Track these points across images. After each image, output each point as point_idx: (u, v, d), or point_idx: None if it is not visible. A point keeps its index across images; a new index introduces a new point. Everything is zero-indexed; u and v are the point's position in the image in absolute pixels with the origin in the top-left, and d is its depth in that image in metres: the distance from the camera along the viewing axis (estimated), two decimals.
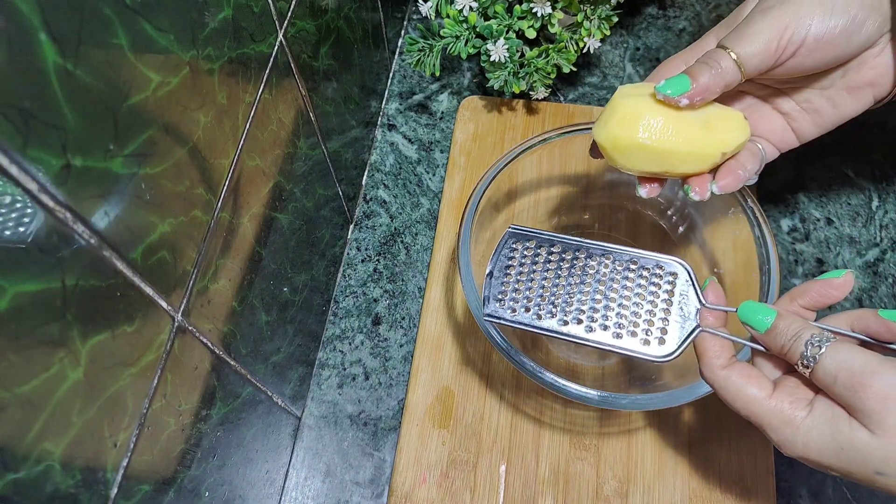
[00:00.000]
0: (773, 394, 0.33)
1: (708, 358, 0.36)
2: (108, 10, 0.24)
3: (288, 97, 0.42)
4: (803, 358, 0.32)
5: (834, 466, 0.31)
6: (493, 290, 0.40)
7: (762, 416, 0.33)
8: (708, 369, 0.36)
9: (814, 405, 0.32)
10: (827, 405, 0.32)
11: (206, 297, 0.34)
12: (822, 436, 0.31)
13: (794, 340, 0.33)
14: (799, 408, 0.32)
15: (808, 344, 0.32)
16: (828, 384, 0.31)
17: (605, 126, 0.39)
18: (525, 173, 0.53)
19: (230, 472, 0.41)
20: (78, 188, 0.23)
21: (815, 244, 0.58)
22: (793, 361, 0.33)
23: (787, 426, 0.32)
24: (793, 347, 0.33)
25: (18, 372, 0.22)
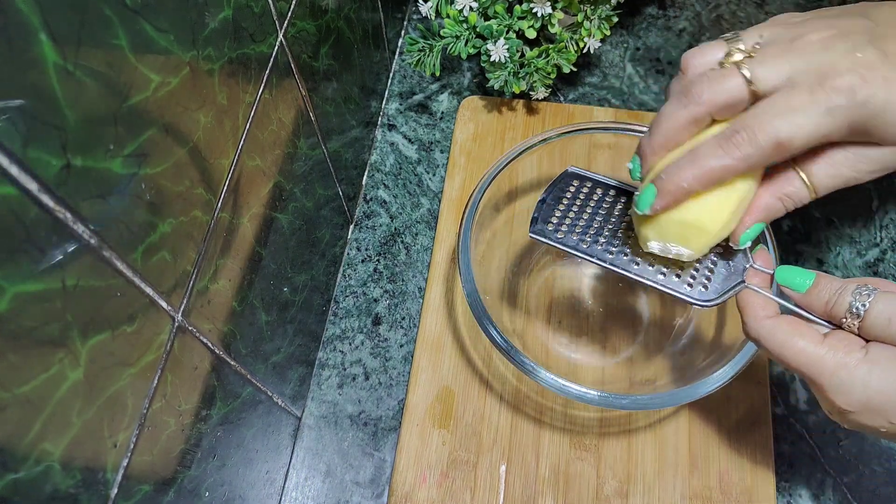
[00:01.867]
0: (823, 341, 0.32)
1: (753, 309, 0.35)
2: (108, 10, 0.24)
3: (288, 97, 0.42)
4: (851, 308, 0.32)
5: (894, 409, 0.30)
6: (543, 213, 0.40)
7: (813, 362, 0.32)
8: (753, 320, 0.34)
9: (869, 348, 0.31)
10: (884, 347, 0.31)
11: (206, 297, 0.35)
12: (886, 372, 0.30)
13: (839, 294, 0.33)
14: (854, 350, 0.31)
15: (856, 293, 0.32)
16: (882, 327, 0.31)
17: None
18: (525, 173, 0.53)
19: (230, 472, 0.41)
20: (78, 188, 0.23)
21: (815, 244, 0.58)
22: (839, 315, 0.32)
23: (843, 369, 0.31)
24: (838, 301, 0.32)
25: (18, 372, 0.22)
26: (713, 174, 0.33)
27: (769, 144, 0.31)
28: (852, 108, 0.31)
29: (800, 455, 0.50)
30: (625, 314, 0.54)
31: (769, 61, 0.32)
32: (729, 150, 0.32)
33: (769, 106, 0.32)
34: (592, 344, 0.53)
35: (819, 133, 0.31)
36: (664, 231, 0.36)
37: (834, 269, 0.56)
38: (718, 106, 0.33)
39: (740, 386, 0.50)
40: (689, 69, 0.35)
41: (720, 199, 0.34)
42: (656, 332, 0.53)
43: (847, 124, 0.31)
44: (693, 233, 0.35)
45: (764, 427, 0.49)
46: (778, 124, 0.31)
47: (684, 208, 0.34)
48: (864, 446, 0.50)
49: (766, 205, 0.35)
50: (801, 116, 0.31)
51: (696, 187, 0.33)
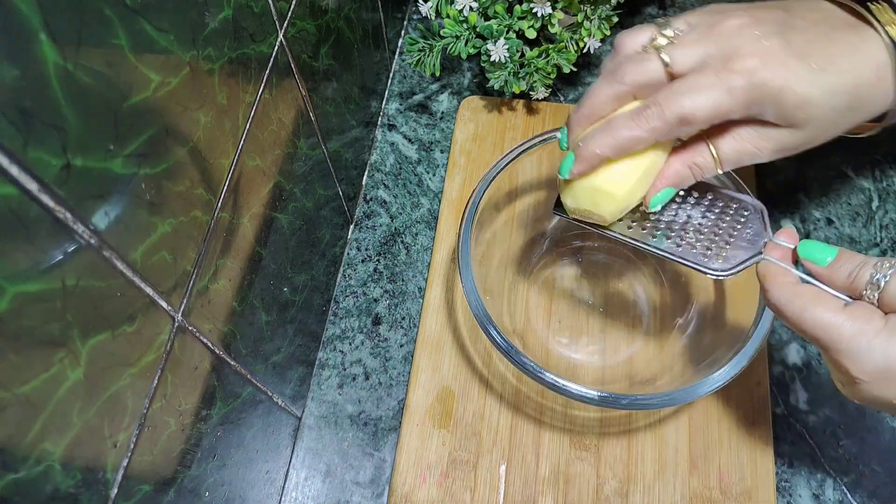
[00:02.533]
0: (843, 310, 0.32)
1: (773, 276, 0.36)
2: (108, 10, 0.24)
3: (288, 97, 0.42)
4: (872, 279, 0.32)
5: None
6: None
7: (833, 328, 0.32)
8: (774, 286, 0.35)
9: (889, 318, 0.32)
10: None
11: (206, 297, 0.35)
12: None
13: (860, 268, 0.33)
14: (875, 318, 0.32)
15: (878, 266, 0.33)
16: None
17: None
18: (525, 173, 0.53)
19: (230, 472, 0.41)
20: (78, 188, 0.23)
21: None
22: (859, 289, 0.33)
23: (862, 336, 0.31)
24: (860, 274, 0.33)
25: (18, 372, 0.22)
26: (625, 143, 0.36)
27: (674, 118, 0.34)
28: (750, 89, 0.34)
29: (800, 455, 0.50)
30: (625, 314, 0.54)
31: (686, 46, 0.35)
32: (639, 122, 0.35)
33: (679, 85, 0.35)
34: (592, 344, 0.53)
35: (719, 110, 0.34)
36: (577, 196, 0.39)
37: None
38: (639, 85, 0.36)
39: (740, 386, 0.50)
40: (620, 49, 0.38)
41: (627, 167, 0.37)
42: (656, 332, 0.53)
43: (745, 103, 0.34)
44: (602, 197, 0.38)
45: (764, 427, 0.49)
46: (683, 101, 0.34)
47: (594, 175, 0.38)
48: (864, 446, 0.50)
49: (675, 171, 0.38)
50: (704, 94, 0.34)
51: (609, 154, 0.36)
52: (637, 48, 0.37)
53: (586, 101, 0.38)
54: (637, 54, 0.37)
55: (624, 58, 0.37)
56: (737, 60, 0.34)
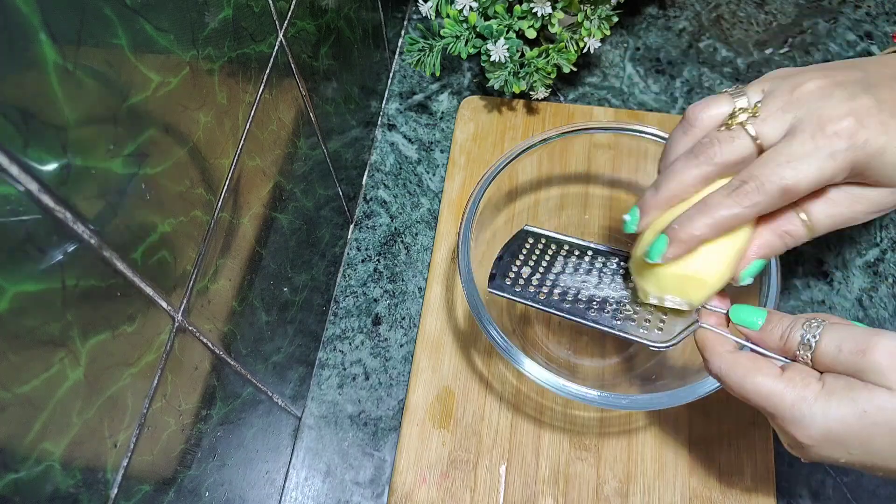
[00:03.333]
0: (781, 375, 0.33)
1: (712, 346, 0.36)
2: (108, 10, 0.24)
3: (288, 97, 0.42)
4: (803, 339, 0.33)
5: (856, 440, 0.30)
6: (501, 269, 0.43)
7: (774, 395, 0.32)
8: (713, 356, 0.35)
9: (825, 379, 0.32)
10: (839, 377, 0.31)
11: (207, 297, 0.35)
12: (842, 402, 0.30)
13: (790, 329, 0.34)
14: (812, 381, 0.32)
15: (806, 326, 0.33)
16: (833, 356, 0.31)
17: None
18: (525, 173, 0.53)
19: (230, 472, 0.41)
20: (78, 188, 0.23)
21: (815, 244, 0.58)
22: (792, 349, 0.33)
23: (803, 402, 0.31)
24: (791, 335, 0.33)
25: (18, 372, 0.22)
26: (724, 222, 0.34)
27: (776, 191, 0.33)
28: (852, 151, 0.32)
29: None
30: None
31: (773, 117, 0.34)
32: (739, 200, 0.34)
33: (775, 155, 0.33)
34: (592, 344, 0.53)
35: (823, 177, 0.33)
36: (663, 284, 0.37)
37: (834, 269, 0.56)
38: (729, 165, 0.35)
39: None
40: (696, 122, 0.37)
41: (718, 250, 0.36)
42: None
43: (848, 167, 0.33)
44: (692, 285, 0.37)
45: (764, 427, 0.49)
46: (783, 172, 0.33)
47: (683, 262, 0.36)
48: None
49: (767, 243, 0.36)
50: (805, 163, 0.33)
51: (707, 236, 0.35)
52: (715, 120, 0.36)
53: (668, 185, 0.36)
54: (721, 132, 0.35)
55: (707, 137, 0.36)
56: (832, 123, 0.32)
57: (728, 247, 0.36)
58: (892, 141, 0.32)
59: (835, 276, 0.56)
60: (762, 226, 0.36)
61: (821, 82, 0.34)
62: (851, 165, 0.33)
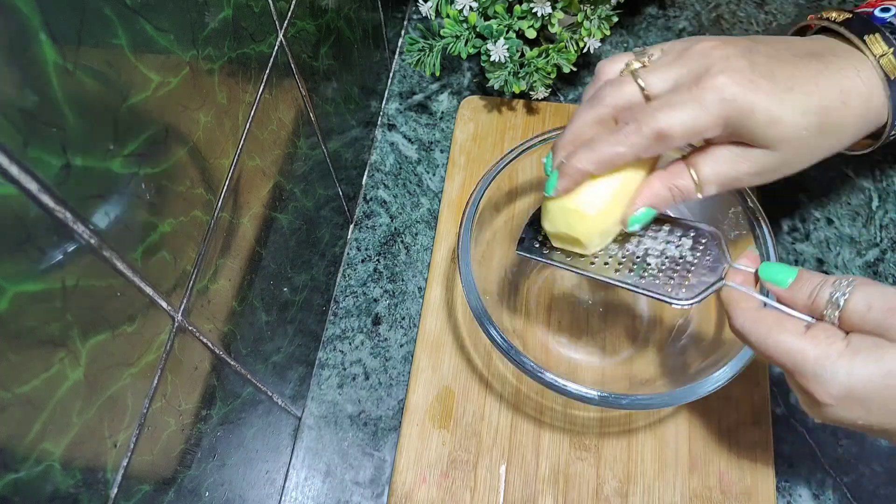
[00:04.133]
0: (805, 333, 0.33)
1: (736, 302, 0.36)
2: (108, 10, 0.24)
3: (288, 97, 0.42)
4: (832, 298, 0.33)
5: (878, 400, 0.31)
6: (530, 234, 0.44)
7: (797, 353, 0.32)
8: (737, 312, 0.36)
9: (850, 338, 0.32)
10: (864, 336, 0.32)
11: (206, 297, 0.35)
12: (867, 362, 0.31)
13: (819, 287, 0.34)
14: (837, 340, 0.32)
15: (837, 284, 0.33)
16: (861, 314, 0.32)
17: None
18: (525, 173, 0.53)
19: (230, 472, 0.41)
20: (78, 188, 0.23)
21: (815, 244, 0.58)
22: (820, 308, 0.34)
23: (826, 359, 0.31)
24: (819, 293, 0.34)
25: (18, 372, 0.22)
26: (606, 157, 0.37)
27: (651, 133, 0.35)
28: (722, 104, 0.34)
29: (800, 455, 0.50)
30: (625, 314, 0.54)
31: (660, 69, 0.37)
32: (619, 139, 0.36)
33: (656, 103, 0.36)
34: (592, 344, 0.53)
35: (695, 125, 0.35)
36: (554, 220, 0.40)
37: (834, 268, 0.56)
38: (618, 107, 0.37)
39: (740, 386, 0.50)
40: (599, 76, 0.40)
41: (600, 187, 0.38)
42: (656, 331, 0.53)
43: (719, 119, 0.35)
44: (575, 218, 0.39)
45: (764, 427, 0.49)
46: (659, 116, 0.35)
47: (567, 198, 0.39)
48: (864, 446, 0.50)
49: (656, 192, 0.38)
50: (679, 110, 0.35)
51: (590, 168, 0.37)
52: (615, 74, 0.39)
53: (570, 126, 0.39)
54: (615, 79, 0.38)
55: (603, 83, 0.39)
56: (707, 78, 0.35)
57: (612, 187, 0.38)
58: (759, 100, 0.34)
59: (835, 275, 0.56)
60: (654, 175, 0.39)
61: (710, 43, 0.37)
62: (723, 120, 0.35)
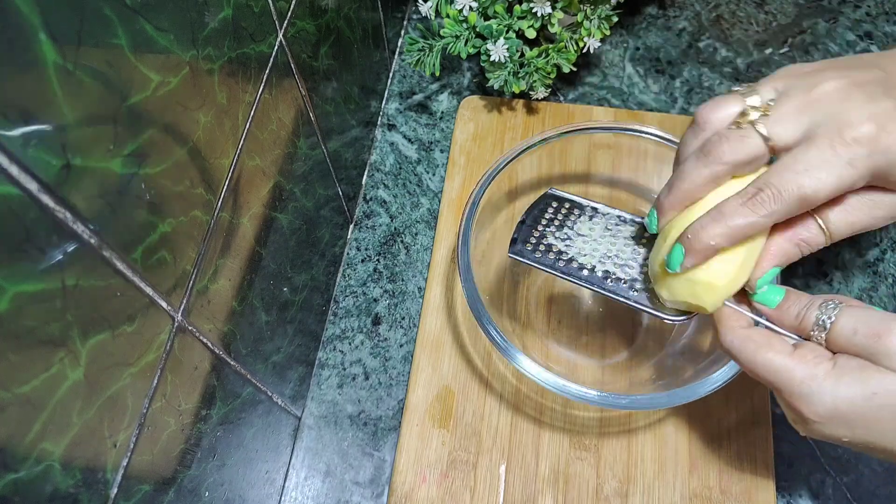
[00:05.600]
0: (793, 353, 0.33)
1: (726, 320, 0.36)
2: (108, 9, 0.24)
3: (288, 97, 0.42)
4: (818, 321, 0.33)
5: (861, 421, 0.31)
6: (523, 234, 0.42)
7: (784, 371, 0.32)
8: (727, 330, 0.36)
9: (837, 359, 0.32)
10: (850, 358, 0.31)
11: (206, 297, 0.34)
12: (852, 383, 0.31)
13: (807, 309, 0.34)
14: (823, 360, 0.32)
15: (823, 307, 0.33)
16: (847, 338, 0.32)
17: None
18: (525, 173, 0.53)
19: (230, 472, 0.41)
20: (78, 188, 0.23)
21: None
22: (807, 329, 0.34)
23: (813, 380, 0.31)
24: (807, 315, 0.34)
25: (18, 372, 0.22)
26: (740, 231, 0.33)
27: (794, 200, 0.32)
28: (872, 158, 0.31)
29: (800, 455, 0.50)
30: (625, 314, 0.54)
31: (785, 118, 0.33)
32: (755, 208, 0.33)
33: (791, 162, 0.32)
34: (592, 344, 0.53)
35: (842, 185, 0.32)
36: (674, 290, 0.37)
37: (834, 269, 0.56)
38: (739, 165, 0.34)
39: (740, 386, 0.50)
40: (706, 124, 0.35)
41: (730, 257, 0.35)
42: (656, 331, 0.53)
43: (868, 174, 0.32)
44: (702, 290, 0.36)
45: (764, 427, 0.49)
46: (801, 180, 0.32)
47: (693, 270, 0.35)
48: None
49: (783, 250, 0.35)
50: (824, 171, 0.31)
51: (723, 244, 0.34)
52: (726, 121, 0.35)
53: (681, 185, 0.35)
54: (730, 131, 0.34)
55: (716, 136, 0.35)
56: (852, 129, 0.31)
57: (741, 254, 0.35)
58: None
59: (835, 276, 0.56)
60: (778, 233, 0.35)
61: (838, 83, 0.33)
62: (871, 172, 0.32)
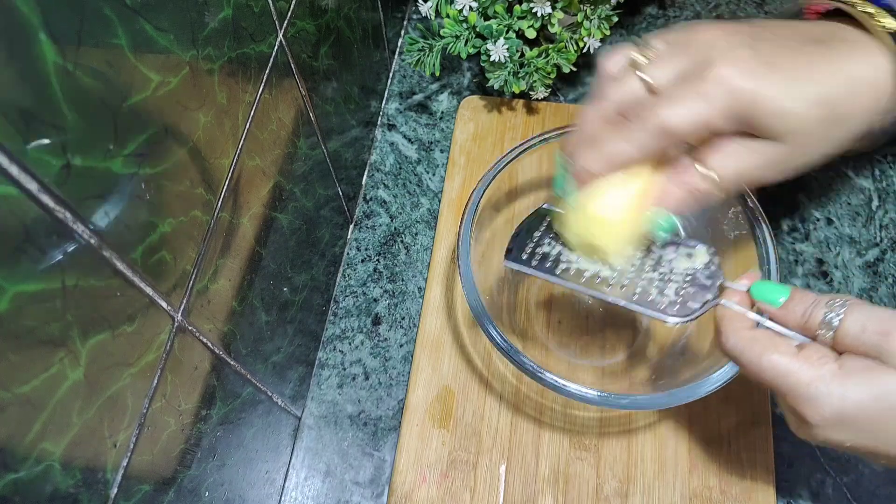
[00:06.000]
0: (798, 354, 0.32)
1: (729, 322, 0.36)
2: (108, 9, 0.24)
3: (288, 97, 0.42)
4: (825, 319, 0.32)
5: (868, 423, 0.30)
6: (518, 244, 0.42)
7: (791, 373, 0.32)
8: (730, 332, 0.35)
9: (843, 360, 0.31)
10: (857, 358, 0.31)
11: (206, 297, 0.34)
12: (860, 384, 0.30)
13: (813, 307, 0.33)
14: (829, 361, 0.32)
15: (830, 305, 0.33)
16: (856, 336, 0.31)
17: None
18: (525, 173, 0.53)
19: (230, 472, 0.41)
20: (78, 188, 0.23)
21: (815, 244, 0.58)
22: (813, 328, 0.33)
23: (819, 381, 0.31)
24: (813, 314, 0.33)
25: (18, 372, 0.22)
26: (612, 157, 0.36)
27: (656, 129, 0.34)
28: (726, 95, 0.33)
29: (800, 455, 0.50)
30: (625, 314, 0.54)
31: (662, 62, 0.36)
32: (623, 136, 0.35)
33: (659, 98, 0.35)
34: (592, 344, 0.53)
35: (699, 118, 0.34)
36: (575, 229, 0.39)
37: (834, 268, 0.56)
38: (622, 103, 0.36)
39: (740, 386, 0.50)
40: (601, 72, 0.39)
41: (618, 193, 0.37)
42: (656, 332, 0.53)
43: (724, 111, 0.34)
44: (596, 226, 0.38)
45: (764, 427, 0.49)
46: (662, 111, 0.34)
47: (586, 206, 0.38)
48: None
49: (670, 193, 0.37)
50: (683, 104, 0.34)
51: (597, 168, 0.36)
52: (618, 69, 0.38)
53: (578, 125, 0.38)
54: (618, 74, 0.37)
55: (606, 78, 0.38)
56: (711, 69, 0.34)
57: (630, 191, 0.37)
58: (763, 90, 0.33)
59: (835, 276, 0.56)
60: (664, 176, 0.37)
61: (713, 33, 0.35)
62: (729, 111, 0.34)
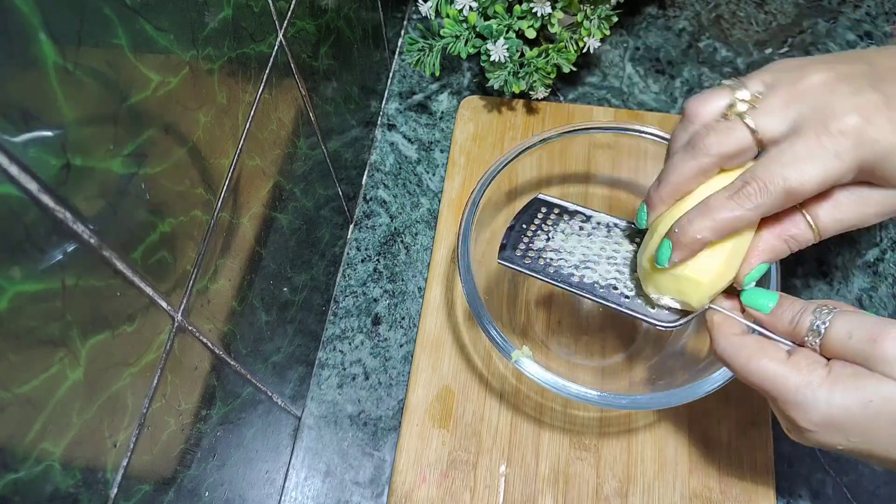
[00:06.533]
0: (787, 360, 0.32)
1: (720, 327, 0.36)
2: (108, 9, 0.24)
3: (288, 97, 0.42)
4: (813, 325, 0.32)
5: (857, 428, 0.30)
6: (512, 240, 0.42)
7: (779, 378, 0.32)
8: (721, 337, 0.35)
9: (831, 366, 0.31)
10: (845, 364, 0.31)
11: (206, 297, 0.34)
12: (847, 391, 0.30)
13: (801, 314, 0.33)
14: (818, 367, 0.31)
15: (817, 312, 0.33)
16: (842, 343, 0.31)
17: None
18: (525, 173, 0.53)
19: (230, 472, 0.41)
20: (78, 188, 0.23)
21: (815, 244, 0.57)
22: (801, 334, 0.33)
23: (807, 387, 0.31)
24: (801, 320, 0.33)
25: (18, 372, 0.22)
26: (726, 225, 0.33)
27: (780, 193, 0.32)
28: (859, 151, 0.31)
29: (800, 455, 0.50)
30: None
31: (773, 110, 0.33)
32: (741, 202, 0.33)
33: (778, 155, 0.32)
34: (592, 344, 0.53)
35: (828, 178, 0.32)
36: (661, 286, 0.37)
37: (834, 268, 0.56)
38: (726, 157, 0.34)
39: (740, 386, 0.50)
40: (695, 117, 0.35)
41: (714, 252, 0.35)
42: (656, 332, 0.53)
43: (855, 167, 0.32)
44: (687, 286, 0.36)
45: (764, 427, 0.49)
46: (787, 173, 0.32)
47: (681, 268, 0.36)
48: None
49: (770, 246, 0.35)
50: (810, 163, 0.31)
51: (710, 238, 0.34)
52: (714, 114, 0.35)
53: (668, 178, 0.35)
54: (717, 123, 0.34)
55: (703, 127, 0.34)
56: (837, 121, 0.31)
57: (727, 250, 0.35)
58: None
59: (835, 275, 0.56)
60: (765, 229, 0.35)
61: (825, 76, 0.33)
62: (858, 165, 0.31)
